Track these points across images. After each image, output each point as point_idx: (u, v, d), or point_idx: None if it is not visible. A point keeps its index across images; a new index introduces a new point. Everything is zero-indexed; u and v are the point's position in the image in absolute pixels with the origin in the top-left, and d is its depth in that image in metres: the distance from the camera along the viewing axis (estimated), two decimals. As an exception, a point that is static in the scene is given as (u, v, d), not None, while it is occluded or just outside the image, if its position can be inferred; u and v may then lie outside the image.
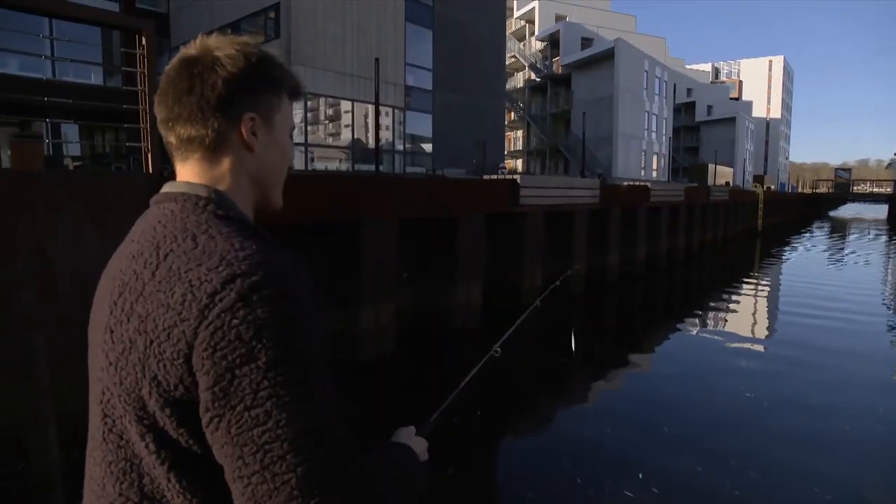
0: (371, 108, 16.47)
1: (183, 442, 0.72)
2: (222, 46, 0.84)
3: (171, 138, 0.85)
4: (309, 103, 18.96)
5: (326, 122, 20.52)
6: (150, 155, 4.09)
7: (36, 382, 3.03)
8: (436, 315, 7.98)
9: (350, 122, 20.30)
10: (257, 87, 0.86)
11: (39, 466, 3.18)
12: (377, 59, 13.70)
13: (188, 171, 0.85)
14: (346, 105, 19.90)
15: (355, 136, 20.46)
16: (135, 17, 4.79)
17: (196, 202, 0.81)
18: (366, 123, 20.07)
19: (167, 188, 0.85)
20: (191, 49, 0.85)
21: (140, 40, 4.00)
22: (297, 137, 18.31)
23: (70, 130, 20.07)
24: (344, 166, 20.18)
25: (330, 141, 20.51)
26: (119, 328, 0.74)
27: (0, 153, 16.27)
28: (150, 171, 4.07)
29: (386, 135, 21.21)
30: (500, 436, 5.35)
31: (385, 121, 20.86)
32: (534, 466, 4.72)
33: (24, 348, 3.03)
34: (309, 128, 19.13)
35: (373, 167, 16.09)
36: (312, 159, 19.05)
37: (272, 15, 18.13)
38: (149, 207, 0.86)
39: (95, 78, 20.15)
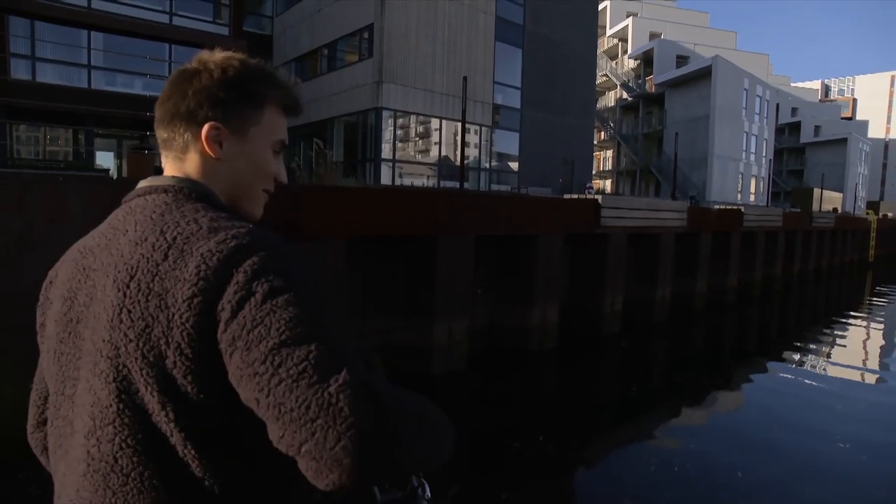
0: (459, 126, 16.72)
1: (203, 408, 0.76)
2: (210, 60, 0.93)
3: (157, 134, 0.96)
4: (399, 120, 19.50)
5: (416, 139, 21.01)
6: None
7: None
8: (510, 334, 7.94)
9: (439, 140, 20.68)
10: (228, 98, 0.92)
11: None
12: (465, 78, 13.92)
13: (168, 166, 0.96)
14: (435, 123, 20.31)
15: (443, 154, 20.80)
16: (231, 39, 5.13)
17: (188, 193, 0.89)
18: (454, 141, 20.37)
19: (149, 182, 0.93)
20: (190, 62, 0.95)
21: (235, 61, 4.30)
22: (387, 153, 18.89)
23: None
24: (431, 183, 20.54)
25: (419, 158, 20.96)
26: (138, 307, 0.77)
27: (122, 163, 17.91)
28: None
29: (473, 152, 21.41)
30: (562, 464, 5.22)
31: (472, 138, 21.08)
32: (594, 499, 4.58)
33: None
34: (398, 144, 19.65)
35: (457, 183, 16.28)
36: (401, 175, 19.53)
37: (366, 35, 18.85)
38: (131, 200, 0.92)
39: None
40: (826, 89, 78.84)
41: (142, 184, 0.94)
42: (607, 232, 9.11)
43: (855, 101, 74.55)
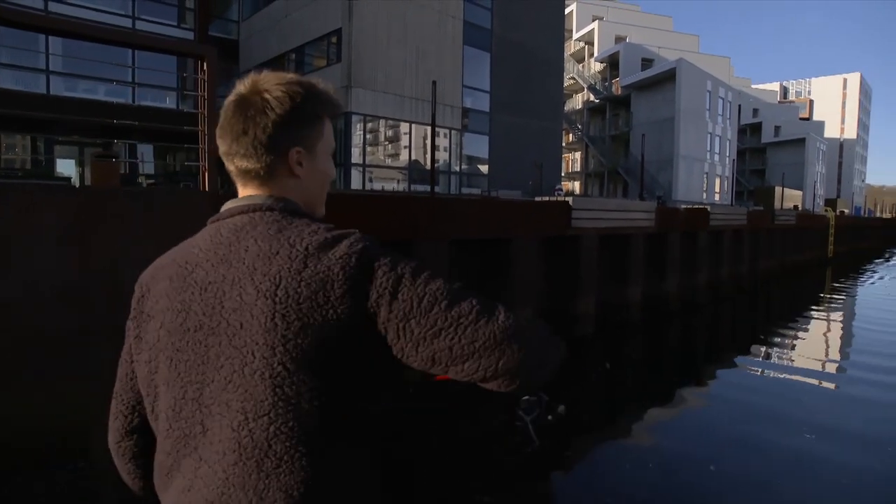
0: (429, 130, 16.74)
1: (351, 390, 0.93)
2: (271, 88, 1.00)
3: (231, 167, 1.05)
4: (369, 125, 19.45)
5: (386, 143, 20.98)
6: (206, 174, 4.29)
7: (100, 389, 3.19)
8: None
9: (408, 144, 20.68)
10: (301, 124, 1.03)
11: (99, 467, 3.35)
12: (434, 82, 13.95)
13: (249, 188, 1.05)
14: (405, 127, 20.30)
15: (413, 158, 20.81)
16: (198, 44, 5.06)
17: (290, 210, 1.01)
18: (424, 145, 20.42)
19: (245, 202, 1.02)
20: (243, 88, 1.02)
21: (201, 66, 4.23)
22: (357, 158, 18.80)
23: (146, 151, 21.26)
24: (401, 187, 20.52)
25: (389, 162, 20.92)
26: (291, 311, 0.89)
27: (85, 172, 17.45)
28: (207, 189, 4.26)
29: (443, 156, 21.47)
30: (540, 466, 5.24)
31: (442, 142, 21.15)
32: (573, 499, 4.61)
33: (93, 358, 3.23)
34: (368, 148, 19.59)
35: (429, 188, 16.29)
36: (371, 179, 19.47)
37: (334, 40, 18.77)
38: (229, 219, 1.02)
39: (170, 102, 21.36)
40: (784, 91, 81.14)
41: (231, 204, 1.03)
42: (579, 233, 9.19)
43: (812, 102, 76.95)
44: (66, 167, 18.14)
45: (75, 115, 15.32)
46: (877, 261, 30.21)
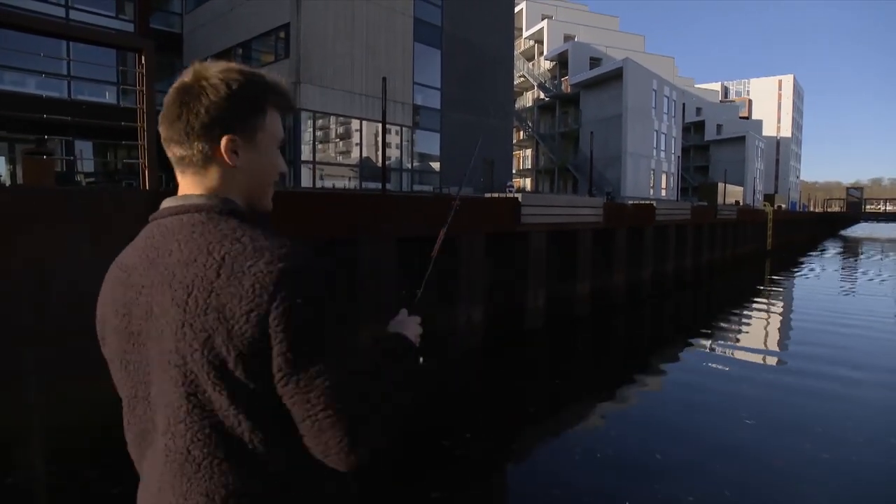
0: (380, 126, 16.63)
1: (261, 395, 0.91)
2: (210, 75, 0.99)
3: (169, 155, 1.03)
4: (319, 122, 19.16)
5: (337, 140, 20.72)
6: (146, 171, 4.15)
7: (23, 396, 3.05)
8: (435, 337, 7.95)
9: (360, 141, 20.49)
10: (237, 111, 1.00)
11: (24, 481, 3.20)
12: (384, 79, 13.85)
13: (186, 183, 1.03)
14: (355, 124, 20.09)
15: (364, 155, 20.63)
16: (135, 36, 4.88)
17: (219, 210, 0.98)
18: (375, 142, 20.25)
19: (179, 201, 1.01)
20: (185, 76, 1.01)
21: (140, 59, 4.08)
22: (307, 155, 18.52)
23: (85, 147, 20.40)
24: (353, 184, 20.32)
25: (340, 159, 20.68)
26: (198, 321, 0.89)
27: (16, 168, 16.58)
28: (147, 188, 4.12)
29: (394, 153, 21.36)
30: (492, 459, 5.29)
31: (393, 139, 21.03)
32: (524, 492, 4.67)
33: (13, 363, 3.07)
34: (319, 146, 19.31)
35: (379, 185, 16.20)
36: (322, 177, 19.20)
37: (282, 35, 18.41)
38: (162, 219, 1.00)
39: (110, 97, 20.52)
40: (725, 91, 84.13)
41: (168, 202, 1.02)
42: (528, 230, 9.31)
43: (751, 101, 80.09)
44: (-5, 164, 17.22)
45: (2, 109, 14.50)
46: (811, 253, 31.72)
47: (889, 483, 4.81)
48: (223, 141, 0.99)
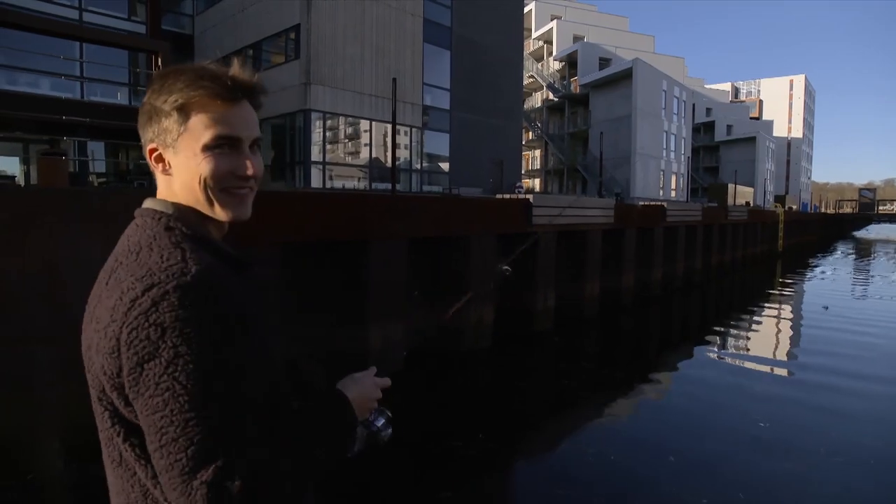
0: (390, 127, 16.65)
1: (130, 418, 0.86)
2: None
3: None
4: (328, 122, 19.22)
5: (346, 140, 20.76)
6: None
7: (40, 395, 3.08)
8: (446, 335, 7.96)
9: (369, 142, 20.52)
10: (147, 121, 0.97)
11: (45, 479, 3.23)
12: (394, 80, 13.88)
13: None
14: (364, 124, 20.12)
15: (373, 156, 20.65)
16: (151, 39, 4.92)
17: (154, 216, 0.95)
18: (384, 143, 20.28)
19: (144, 203, 1.00)
20: None
21: (156, 61, 4.11)
22: (316, 156, 18.58)
23: (97, 148, 20.55)
24: (362, 185, 20.36)
25: (349, 160, 20.72)
26: (88, 329, 0.89)
27: (30, 169, 16.74)
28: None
29: (403, 154, 21.37)
30: (503, 460, 5.30)
31: (403, 140, 21.04)
32: (536, 492, 4.67)
33: (28, 362, 3.11)
34: (328, 146, 19.36)
35: (390, 186, 16.23)
36: (331, 177, 19.25)
37: (293, 36, 18.47)
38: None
39: (122, 98, 20.68)
40: (735, 91, 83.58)
41: (144, 203, 1.01)
42: (539, 230, 9.30)
43: (761, 102, 79.50)
44: (8, 164, 17.38)
45: (17, 110, 14.63)
46: (822, 255, 31.47)
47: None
48: (147, 152, 0.98)
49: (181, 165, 0.96)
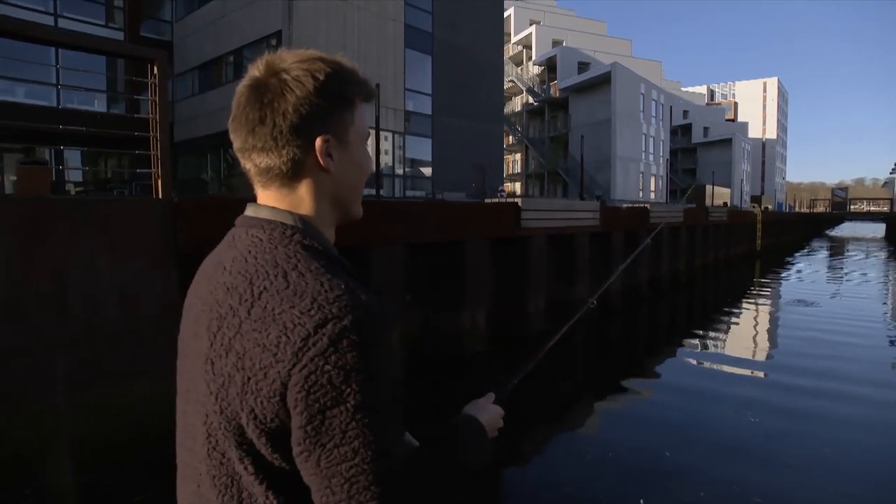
0: (372, 132, 16.63)
1: (277, 464, 0.78)
2: (290, 67, 0.84)
3: (248, 165, 0.88)
4: (310, 128, 19.16)
5: (328, 146, 20.69)
6: (160, 181, 4.14)
7: (52, 404, 3.04)
8: (440, 340, 7.97)
9: (351, 147, 20.48)
10: (328, 107, 0.85)
11: (55, 488, 3.17)
12: (377, 85, 13.87)
13: (269, 196, 0.89)
14: (347, 130, 20.10)
15: (356, 161, 20.62)
16: (147, 47, 4.87)
17: (283, 231, 0.84)
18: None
19: (252, 212, 0.89)
20: (256, 70, 0.86)
21: (152, 70, 4.07)
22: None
23: (72, 156, 20.23)
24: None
25: (331, 165, 20.66)
26: (219, 361, 0.79)
27: (4, 179, 16.39)
28: (161, 197, 4.11)
29: (386, 159, 21.37)
30: (498, 462, 5.29)
31: (385, 145, 21.04)
32: (530, 494, 4.68)
33: (41, 370, 3.06)
34: (310, 152, 19.28)
35: (373, 191, 16.19)
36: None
37: (274, 42, 18.38)
38: (236, 228, 0.90)
39: (99, 105, 20.38)
40: (711, 94, 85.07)
41: (247, 210, 0.91)
42: (528, 234, 9.35)
43: (736, 104, 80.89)
44: (-17, 175, 17.00)
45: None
46: (799, 253, 32.10)
47: (879, 472, 4.88)
48: (318, 143, 0.85)
49: (348, 160, 0.90)
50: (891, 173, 78.84)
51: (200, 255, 0.99)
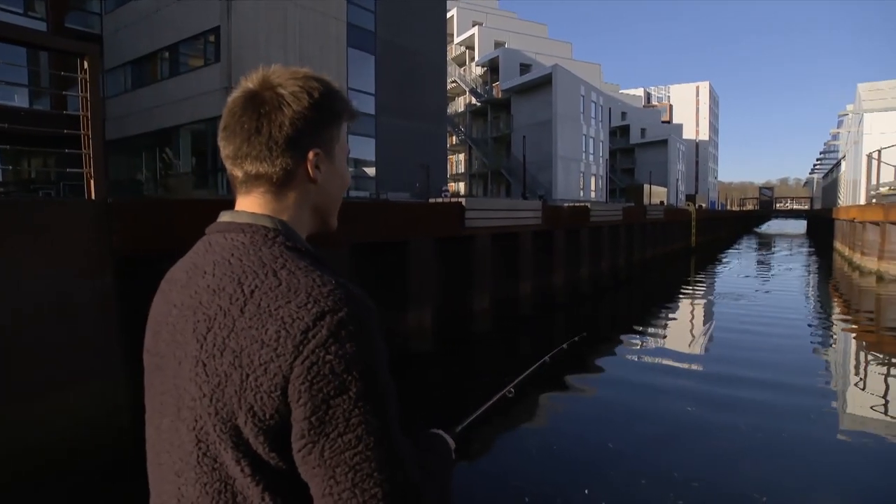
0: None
1: (274, 464, 0.78)
2: (285, 83, 0.89)
3: (237, 173, 0.91)
4: (251, 127, 18.73)
5: (269, 146, 20.28)
6: (92, 181, 3.98)
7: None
8: (389, 338, 7.95)
9: (294, 147, 20.14)
10: (320, 122, 0.91)
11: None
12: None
13: (251, 202, 0.91)
14: (289, 129, 19.75)
15: (299, 161, 20.31)
16: (75, 40, 4.66)
17: (265, 234, 0.86)
18: (310, 147, 19.97)
19: (229, 217, 0.91)
20: (251, 83, 0.90)
21: (83, 64, 3.91)
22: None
23: (-8, 155, 19.06)
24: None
25: (273, 165, 20.26)
26: (212, 362, 0.78)
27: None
28: (94, 198, 3.95)
29: (330, 159, 21.12)
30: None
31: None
32: (476, 487, 4.77)
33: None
34: (251, 152, 18.85)
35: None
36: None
37: (212, 38, 17.88)
38: (211, 235, 0.91)
39: (20, 100, 19.29)
40: (648, 96, 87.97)
41: (222, 216, 0.92)
42: (472, 233, 9.46)
43: (671, 107, 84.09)
44: None
45: None
46: (731, 250, 33.66)
47: (810, 450, 5.22)
48: (310, 155, 0.90)
49: (333, 173, 0.95)
50: (810, 173, 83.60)
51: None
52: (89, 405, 3.85)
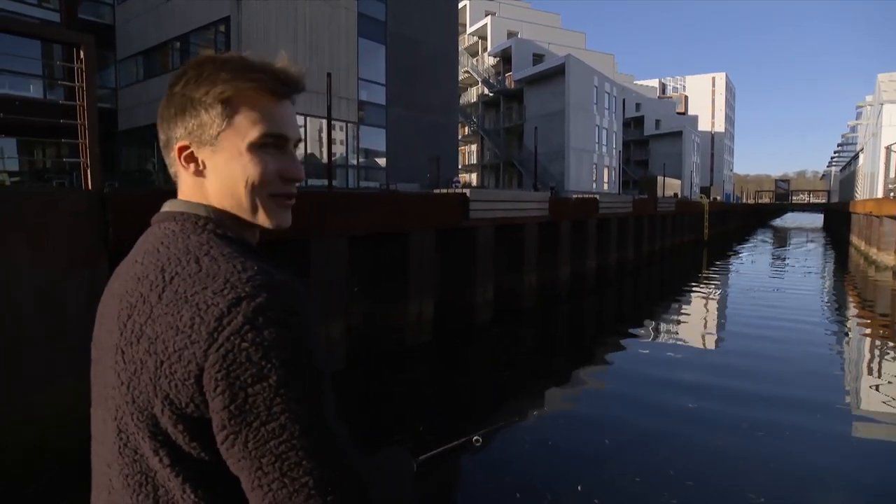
0: (325, 122, 16.40)
1: (195, 455, 0.75)
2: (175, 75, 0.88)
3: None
4: (261, 118, 18.77)
5: (279, 136, 20.31)
6: (88, 171, 4.00)
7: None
8: (387, 331, 7.97)
9: (304, 137, 20.16)
10: (177, 114, 0.85)
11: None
12: (329, 74, 13.68)
13: (185, 191, 0.90)
14: (299, 120, 19.70)
15: (309, 151, 20.33)
16: (74, 31, 4.68)
17: (195, 221, 0.84)
18: (320, 138, 19.99)
19: (167, 207, 0.88)
20: None
21: (78, 54, 3.93)
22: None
23: (7, 145, 19.30)
24: (297, 181, 19.99)
25: (283, 156, 20.30)
26: (130, 349, 0.76)
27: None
28: (90, 187, 3.97)
29: (340, 150, 21.13)
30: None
31: (338, 135, 20.80)
32: (478, 481, 4.76)
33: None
34: (261, 142, 18.90)
35: (326, 182, 16.01)
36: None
37: (222, 29, 17.91)
38: (152, 225, 0.89)
39: (35, 91, 19.47)
40: (663, 87, 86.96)
41: (164, 205, 0.89)
42: (475, 225, 9.42)
43: (686, 98, 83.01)
44: None
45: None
46: (744, 244, 33.28)
47: (816, 454, 5.15)
48: (175, 150, 0.86)
49: (221, 166, 0.86)
50: (828, 167, 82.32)
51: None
52: (84, 402, 3.88)
